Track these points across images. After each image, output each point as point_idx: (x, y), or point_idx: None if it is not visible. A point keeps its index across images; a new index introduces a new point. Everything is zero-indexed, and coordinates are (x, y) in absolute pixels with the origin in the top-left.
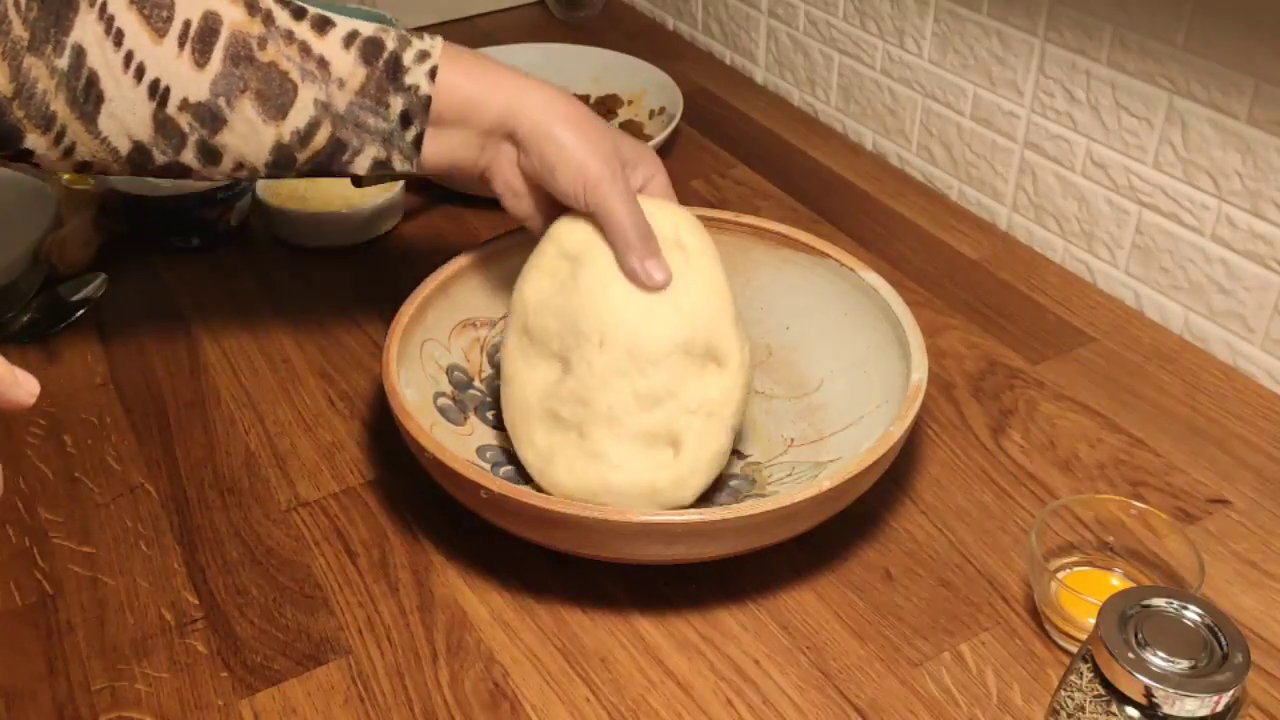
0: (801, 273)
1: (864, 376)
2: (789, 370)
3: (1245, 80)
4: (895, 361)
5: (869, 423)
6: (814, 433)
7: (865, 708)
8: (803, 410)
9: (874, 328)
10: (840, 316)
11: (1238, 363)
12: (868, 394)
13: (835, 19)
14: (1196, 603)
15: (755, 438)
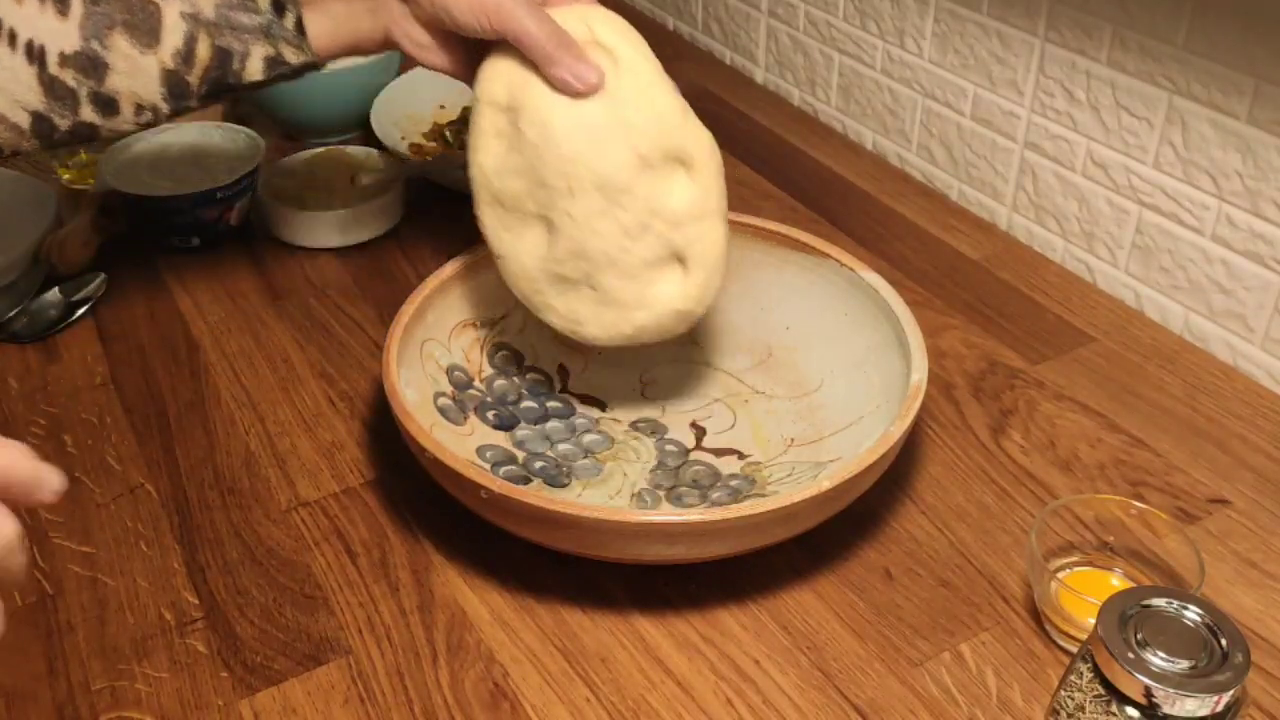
0: (802, 273)
1: (864, 377)
2: (789, 370)
3: (1245, 80)
4: (895, 361)
5: (869, 423)
6: (814, 433)
7: (865, 708)
8: (803, 410)
9: (874, 328)
10: (840, 317)
11: (1238, 363)
12: (868, 394)
13: (835, 19)
14: (1196, 603)
15: (755, 438)
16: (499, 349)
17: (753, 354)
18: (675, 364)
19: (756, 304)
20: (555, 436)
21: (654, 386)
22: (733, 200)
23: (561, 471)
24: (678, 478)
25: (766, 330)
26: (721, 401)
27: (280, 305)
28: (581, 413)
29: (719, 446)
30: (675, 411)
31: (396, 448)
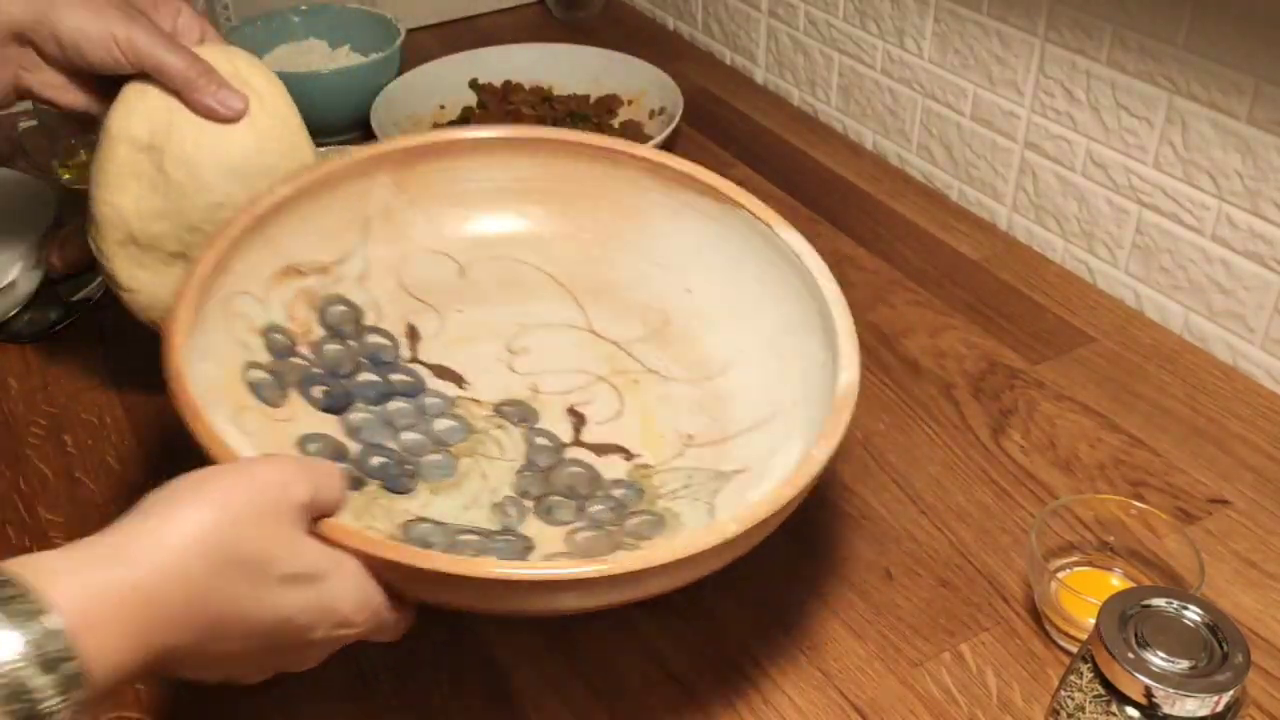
0: (707, 223)
1: (779, 363)
2: (689, 345)
3: (1245, 80)
4: (818, 349)
5: (783, 425)
6: (717, 429)
7: (865, 708)
8: (704, 398)
9: (794, 301)
10: (753, 283)
11: (1238, 363)
12: (784, 385)
13: (835, 19)
14: (1196, 603)
15: (646, 431)
16: (333, 303)
17: (646, 321)
18: (550, 329)
19: (651, 257)
20: (399, 421)
21: (525, 357)
22: None
23: (405, 471)
24: (549, 482)
25: (663, 291)
26: (606, 381)
27: None
28: (433, 390)
29: (601, 441)
30: (550, 392)
31: None
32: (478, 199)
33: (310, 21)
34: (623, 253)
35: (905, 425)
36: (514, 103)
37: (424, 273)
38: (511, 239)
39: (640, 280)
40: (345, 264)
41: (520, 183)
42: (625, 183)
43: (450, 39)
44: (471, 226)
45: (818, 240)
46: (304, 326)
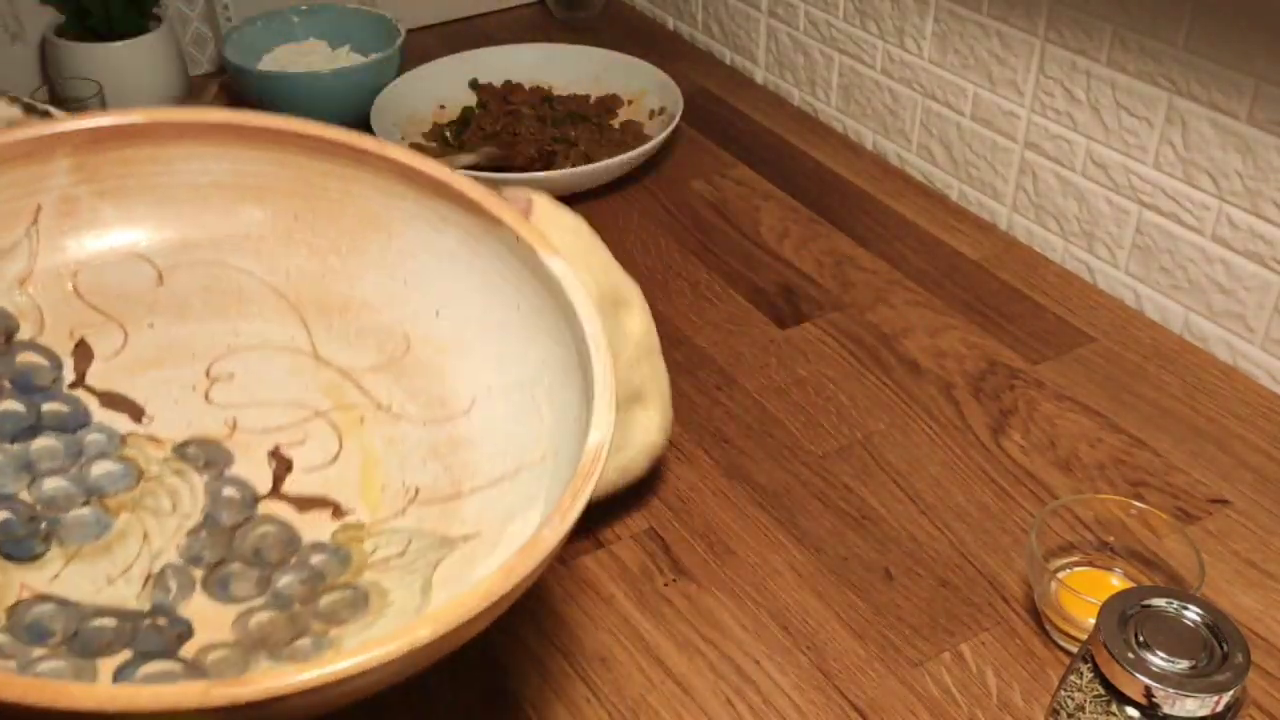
0: (466, 240)
1: (532, 406)
2: (431, 378)
3: (1245, 80)
4: (574, 394)
5: (528, 484)
6: (449, 483)
7: (865, 708)
8: (441, 442)
9: (554, 338)
10: (512, 312)
11: (1238, 363)
12: (534, 433)
13: (835, 19)
14: (1196, 603)
15: (365, 481)
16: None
17: (383, 347)
18: (264, 351)
19: (398, 273)
20: (43, 464)
21: (227, 385)
22: (733, 200)
23: (35, 530)
24: (231, 546)
25: (408, 313)
26: (325, 418)
27: None
28: (99, 423)
29: (307, 493)
30: (252, 429)
31: None
32: (188, 194)
33: (310, 21)
34: (364, 266)
35: (905, 425)
36: (514, 103)
37: (109, 278)
38: (227, 242)
39: (382, 299)
40: (1, 263)
41: (243, 178)
42: (373, 187)
43: (450, 39)
44: (179, 226)
45: (817, 240)
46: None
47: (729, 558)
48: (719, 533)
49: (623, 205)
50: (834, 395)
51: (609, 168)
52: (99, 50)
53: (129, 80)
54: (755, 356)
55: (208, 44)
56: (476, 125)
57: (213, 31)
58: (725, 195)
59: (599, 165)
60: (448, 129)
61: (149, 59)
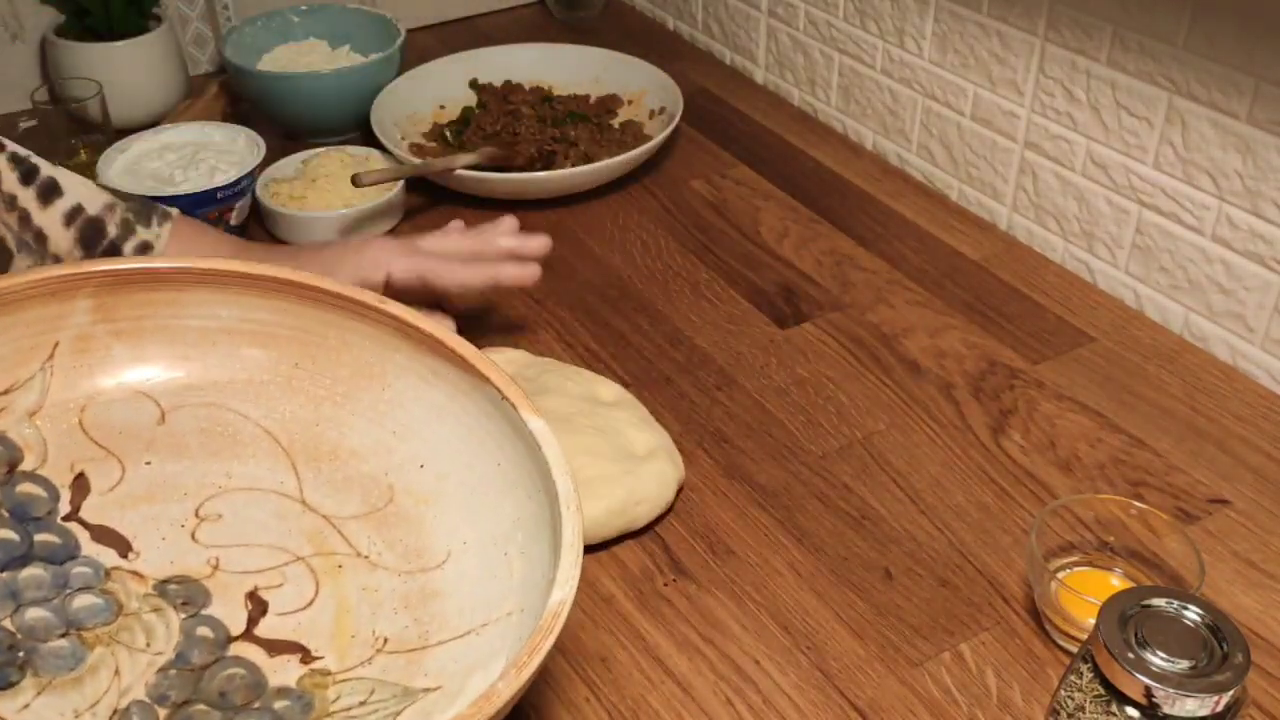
0: (454, 395)
1: (504, 562)
2: (410, 529)
3: (1245, 80)
4: (545, 550)
5: (493, 638)
6: (418, 636)
7: (865, 708)
8: (413, 594)
9: (529, 496)
10: (493, 468)
11: (1238, 363)
12: (503, 590)
13: (835, 19)
14: (1196, 603)
15: (337, 628)
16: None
17: (367, 496)
18: (253, 495)
19: (388, 424)
20: (29, 594)
21: (214, 525)
22: (733, 200)
23: (12, 659)
24: (199, 686)
25: (394, 464)
26: (305, 562)
27: None
28: (87, 556)
29: (278, 637)
30: (232, 570)
31: None
32: (197, 337)
33: (310, 21)
34: (356, 415)
35: (905, 425)
36: (514, 103)
37: (114, 415)
38: (229, 386)
39: (371, 449)
40: (15, 394)
41: (250, 324)
42: (369, 339)
43: (450, 39)
44: (185, 367)
45: (817, 240)
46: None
47: (729, 558)
48: (719, 533)
49: (623, 205)
50: (834, 395)
51: (609, 168)
52: (99, 50)
53: (129, 80)
54: (755, 356)
55: (208, 44)
56: (476, 125)
57: (213, 31)
58: (725, 195)
59: (599, 165)
60: (448, 129)
61: (149, 59)
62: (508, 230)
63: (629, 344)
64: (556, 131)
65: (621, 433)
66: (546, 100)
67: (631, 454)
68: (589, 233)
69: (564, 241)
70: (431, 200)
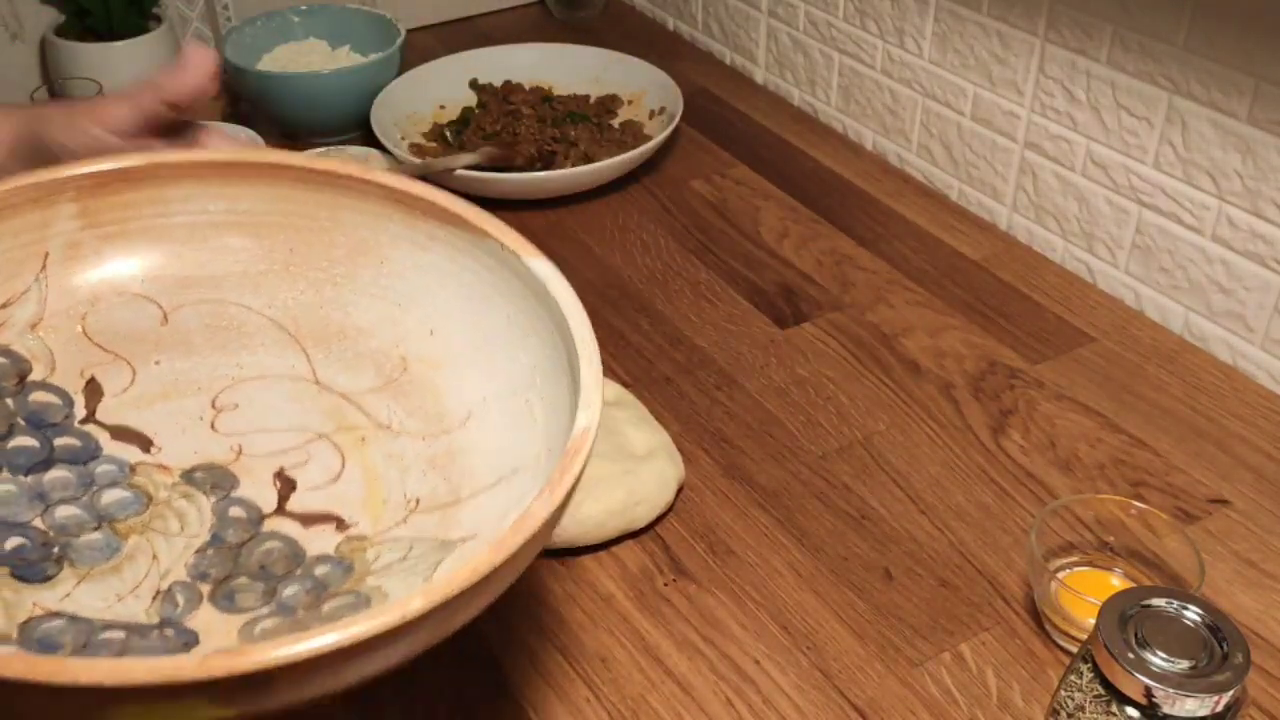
0: (454, 256)
1: (526, 411)
2: (428, 395)
3: (1245, 80)
4: (564, 392)
5: (523, 483)
6: (448, 492)
7: (865, 708)
8: (439, 455)
9: (542, 340)
10: (502, 321)
11: (1238, 363)
12: (528, 436)
13: (835, 19)
14: (1196, 603)
15: (369, 496)
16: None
17: (381, 369)
18: (267, 381)
19: (391, 296)
20: (55, 493)
21: (232, 414)
22: (733, 200)
23: (47, 554)
24: (238, 561)
25: (403, 335)
26: (328, 439)
27: None
28: (110, 455)
29: (311, 510)
30: (257, 454)
31: None
32: (187, 234)
33: (310, 21)
34: (358, 293)
35: (905, 425)
36: (514, 103)
37: (116, 318)
38: (227, 279)
39: (378, 323)
40: (13, 308)
41: (238, 215)
42: (361, 214)
43: (450, 39)
44: (179, 265)
45: (817, 240)
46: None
47: (729, 558)
48: (719, 533)
49: (623, 205)
50: (834, 395)
51: (609, 168)
52: (99, 50)
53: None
54: (755, 356)
55: (208, 44)
56: (476, 125)
57: (213, 31)
58: (725, 195)
59: (599, 165)
60: (448, 129)
61: (149, 59)
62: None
63: (629, 344)
64: (556, 131)
65: (621, 433)
66: (546, 100)
67: (631, 454)
68: (589, 233)
69: (564, 241)
70: None
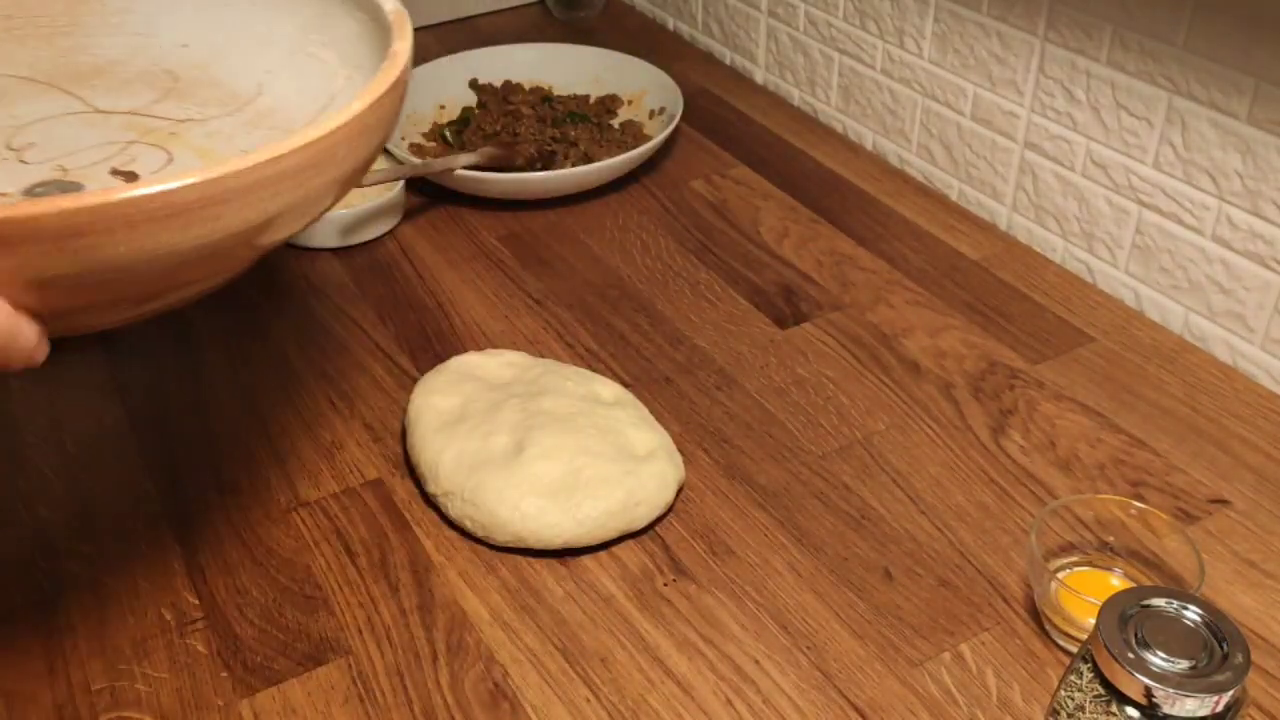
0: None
1: (313, 59)
2: (211, 89)
3: (1245, 80)
4: (352, 25)
5: (347, 98)
6: (281, 135)
7: (865, 708)
8: (255, 119)
9: (305, 2)
10: (248, 6)
11: (1238, 363)
12: (327, 73)
13: (835, 19)
14: (1196, 603)
15: (208, 163)
16: None
17: (154, 85)
18: (49, 121)
19: (129, 29)
20: None
21: (36, 150)
22: (733, 200)
23: None
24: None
25: (158, 55)
26: (140, 142)
27: (280, 305)
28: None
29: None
30: (81, 165)
31: (396, 448)
32: None
33: None
34: (94, 35)
35: (905, 425)
36: (514, 103)
37: None
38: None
39: (129, 54)
40: None
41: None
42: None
43: (450, 39)
44: None
45: (817, 240)
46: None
47: (729, 558)
48: (719, 533)
49: (623, 205)
50: (834, 395)
51: (609, 168)
52: None
53: None
54: (755, 356)
55: None
56: (476, 125)
57: None
58: (725, 195)
59: (599, 165)
60: (448, 129)
61: None
62: None
63: (629, 344)
64: (556, 131)
65: (621, 433)
66: (546, 100)
67: (631, 454)
68: (589, 233)
69: (564, 241)
70: (431, 200)
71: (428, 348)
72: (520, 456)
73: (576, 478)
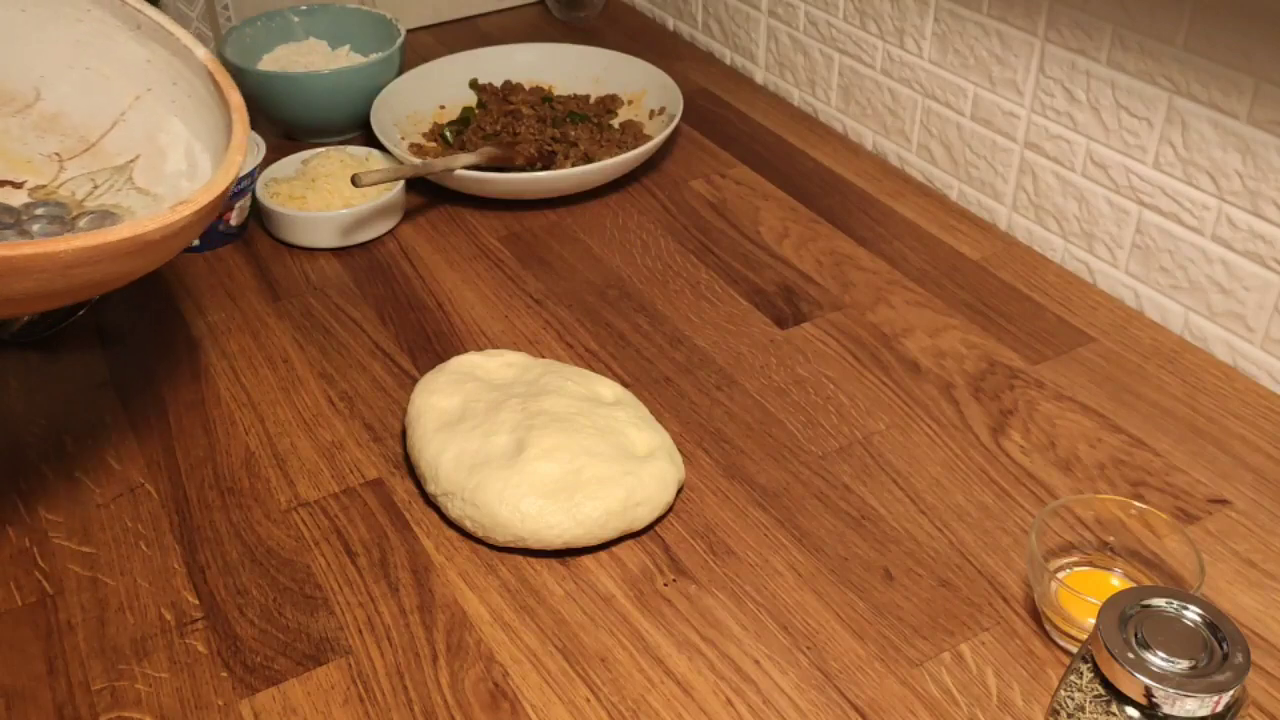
0: None
1: (91, 75)
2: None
3: (1245, 80)
4: (124, 40)
5: (146, 112)
6: (76, 141)
7: (865, 708)
8: (39, 123)
9: (78, 19)
10: (17, 14)
11: (1238, 363)
12: (115, 89)
13: (835, 19)
14: (1196, 603)
15: (11, 164)
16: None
17: None
18: None
19: None
20: None
21: None
22: (732, 200)
23: None
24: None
25: None
26: None
27: (280, 305)
28: None
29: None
30: None
31: (396, 448)
32: None
33: (310, 21)
34: None
35: (905, 425)
36: (514, 103)
37: None
38: None
39: None
40: None
41: None
42: None
43: (450, 39)
44: None
45: (817, 240)
46: None
47: (729, 558)
48: (719, 533)
49: (623, 205)
50: (834, 395)
51: (609, 168)
52: None
53: None
54: (755, 356)
55: (208, 44)
56: (476, 125)
57: (213, 31)
58: (725, 195)
59: (599, 165)
60: (448, 129)
61: None
62: None
63: (629, 344)
64: (556, 131)
65: (622, 433)
66: (546, 100)
67: (632, 454)
68: (589, 233)
69: (564, 241)
70: (431, 200)
71: (428, 348)
72: (520, 456)
73: (577, 478)
